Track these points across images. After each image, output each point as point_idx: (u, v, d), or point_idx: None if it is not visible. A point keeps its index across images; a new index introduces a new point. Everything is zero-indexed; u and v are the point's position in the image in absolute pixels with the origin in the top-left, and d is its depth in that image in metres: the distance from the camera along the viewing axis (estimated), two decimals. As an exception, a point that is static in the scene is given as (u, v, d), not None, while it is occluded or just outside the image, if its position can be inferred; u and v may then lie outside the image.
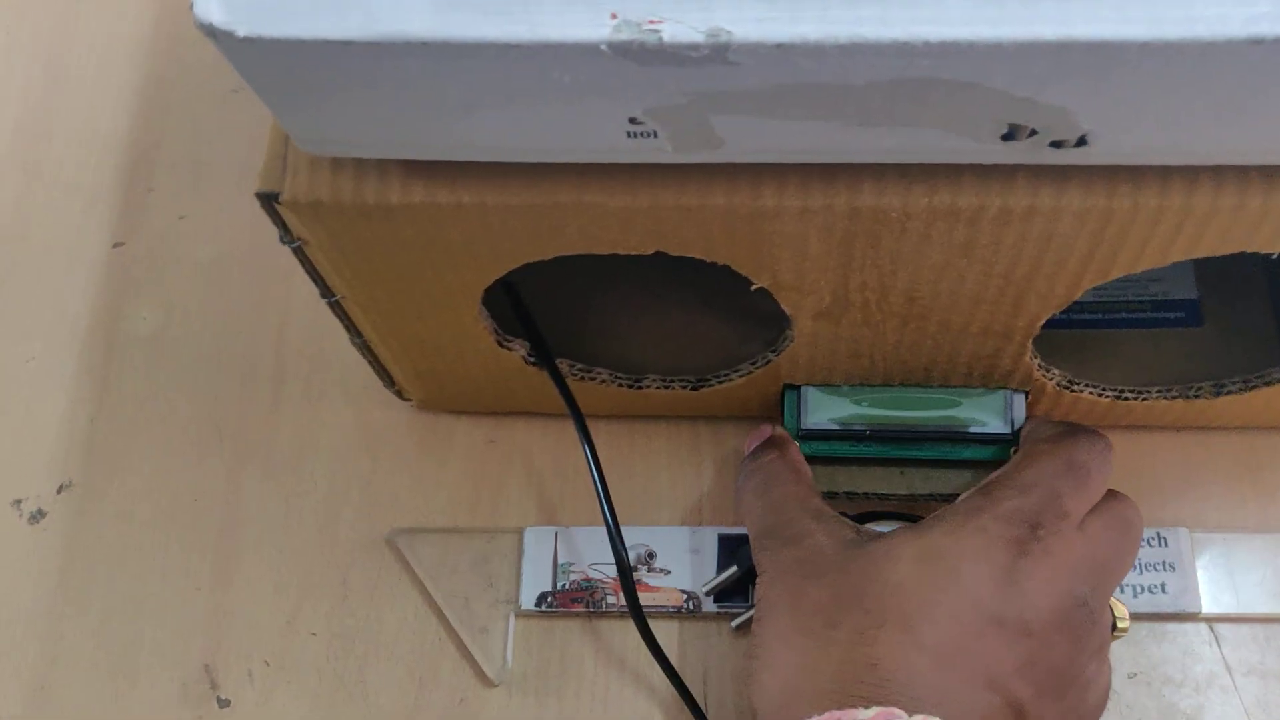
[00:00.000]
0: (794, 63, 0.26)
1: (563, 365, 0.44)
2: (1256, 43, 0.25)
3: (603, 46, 0.26)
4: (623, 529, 0.45)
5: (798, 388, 0.45)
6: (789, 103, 0.28)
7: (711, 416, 0.49)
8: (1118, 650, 0.43)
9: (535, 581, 0.46)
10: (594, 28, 0.26)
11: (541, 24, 0.26)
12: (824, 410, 0.44)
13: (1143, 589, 0.44)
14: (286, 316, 0.52)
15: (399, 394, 0.49)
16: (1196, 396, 0.44)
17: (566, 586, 0.46)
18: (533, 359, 0.44)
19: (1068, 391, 0.44)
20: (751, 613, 0.41)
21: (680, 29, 0.26)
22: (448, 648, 0.46)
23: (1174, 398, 0.44)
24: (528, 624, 0.46)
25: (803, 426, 0.44)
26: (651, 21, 0.26)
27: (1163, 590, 0.44)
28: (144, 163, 0.55)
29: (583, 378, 0.45)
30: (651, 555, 0.46)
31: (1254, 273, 0.48)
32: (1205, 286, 0.48)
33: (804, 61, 0.26)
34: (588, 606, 0.46)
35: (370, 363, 0.45)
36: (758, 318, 0.43)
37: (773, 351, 0.42)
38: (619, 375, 0.45)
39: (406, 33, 0.26)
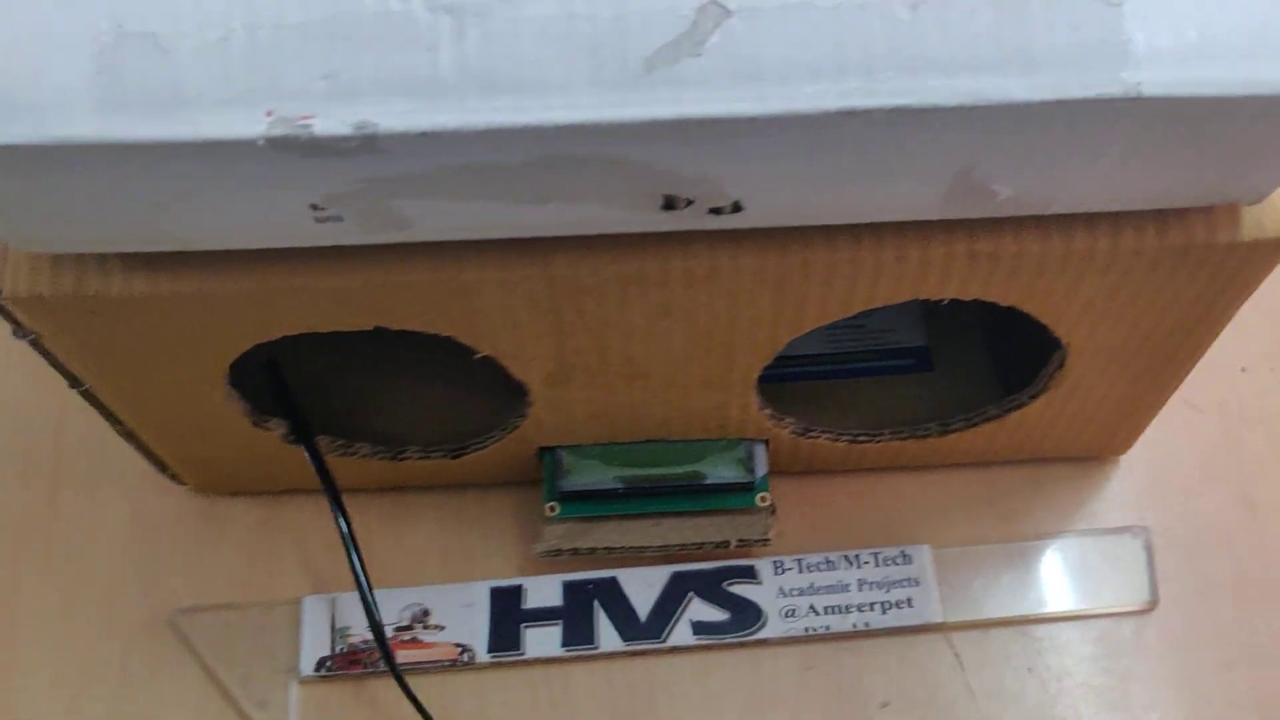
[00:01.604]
0: (440, 148, 0.28)
1: (323, 442, 0.46)
2: (849, 114, 0.28)
3: (260, 142, 0.28)
4: (396, 590, 0.48)
5: (553, 450, 0.47)
6: (454, 184, 0.30)
7: (476, 484, 0.50)
8: (869, 679, 0.45)
9: (314, 648, 0.47)
10: (251, 124, 0.28)
11: (202, 123, 0.28)
12: (578, 472, 0.46)
13: (890, 605, 0.47)
14: (64, 407, 0.52)
15: (174, 478, 0.50)
16: (926, 436, 0.47)
17: (344, 650, 0.47)
18: (292, 438, 0.45)
19: (804, 439, 0.46)
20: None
21: (330, 123, 0.28)
22: (230, 722, 0.47)
23: (905, 438, 0.47)
24: (309, 690, 0.47)
25: (559, 490, 0.46)
26: (304, 117, 0.28)
27: (909, 604, 0.47)
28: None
29: (343, 453, 0.46)
30: (425, 613, 0.48)
31: (974, 315, 0.51)
32: (934, 333, 0.51)
33: (449, 146, 0.28)
34: (365, 668, 0.47)
35: (138, 449, 0.46)
36: (511, 383, 0.45)
37: (519, 417, 0.44)
38: (380, 449, 0.47)
39: (71, 136, 0.28)
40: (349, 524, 0.45)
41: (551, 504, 0.47)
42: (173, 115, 0.28)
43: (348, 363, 0.49)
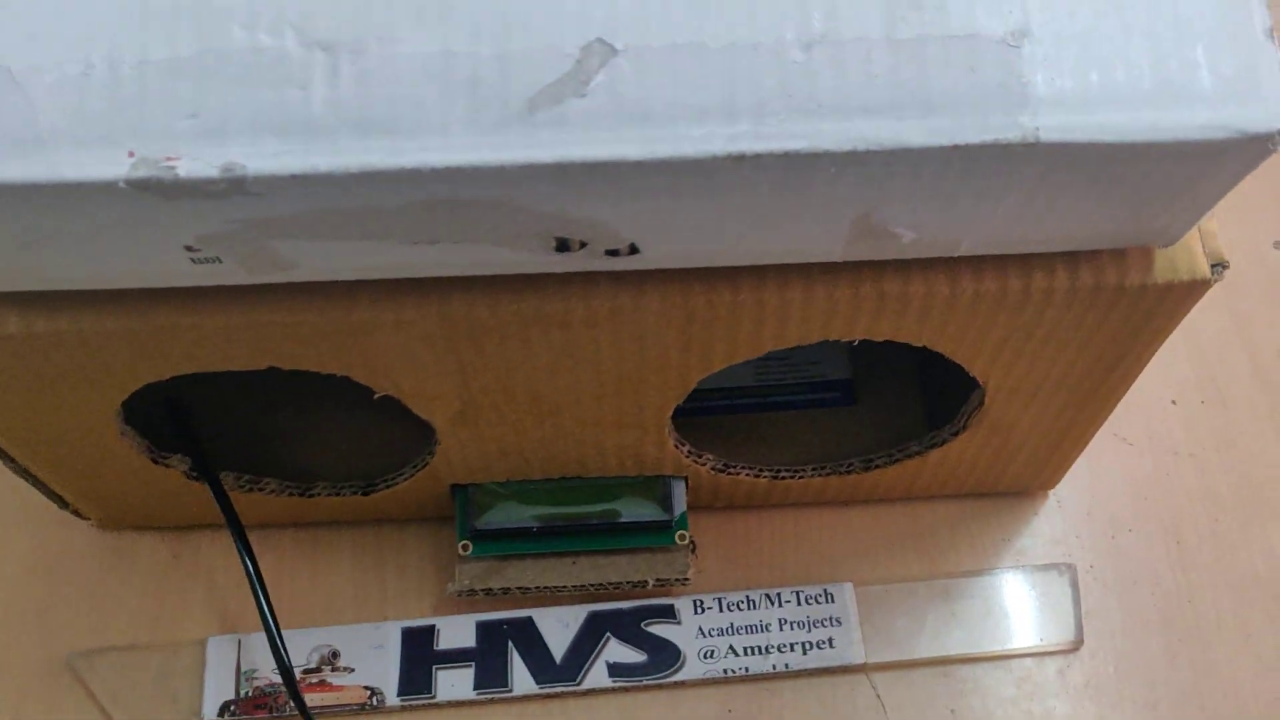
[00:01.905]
0: (314, 191, 0.27)
1: (229, 478, 0.45)
2: (739, 159, 0.27)
3: (121, 184, 0.26)
4: (306, 631, 0.46)
5: (465, 487, 0.45)
6: (333, 226, 0.29)
7: (392, 520, 0.49)
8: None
9: (218, 692, 0.46)
10: (112, 165, 0.26)
11: (59, 163, 0.26)
12: (492, 510, 0.45)
13: (811, 645, 0.46)
14: (-34, 440, 0.51)
15: (76, 513, 0.48)
16: (849, 472, 0.46)
17: (249, 694, 0.46)
18: (194, 474, 0.44)
19: (725, 475, 0.45)
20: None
21: (196, 164, 0.26)
22: (129, 772, 0.45)
23: (828, 474, 0.46)
24: (211, 738, 0.46)
25: (472, 528, 0.45)
26: (169, 158, 0.26)
27: (830, 645, 0.46)
28: None
29: (250, 489, 0.45)
30: (335, 654, 0.46)
31: (904, 351, 0.50)
32: (864, 368, 0.50)
33: (323, 189, 0.27)
34: (271, 712, 0.45)
35: (35, 485, 0.45)
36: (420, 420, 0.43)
37: (428, 454, 0.43)
38: (288, 484, 0.45)
39: (-80, 177, 0.26)
40: (254, 563, 0.44)
41: (464, 543, 0.46)
42: (28, 155, 0.26)
43: (256, 397, 0.48)
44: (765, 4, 0.27)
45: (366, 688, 0.46)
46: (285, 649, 0.44)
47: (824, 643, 0.46)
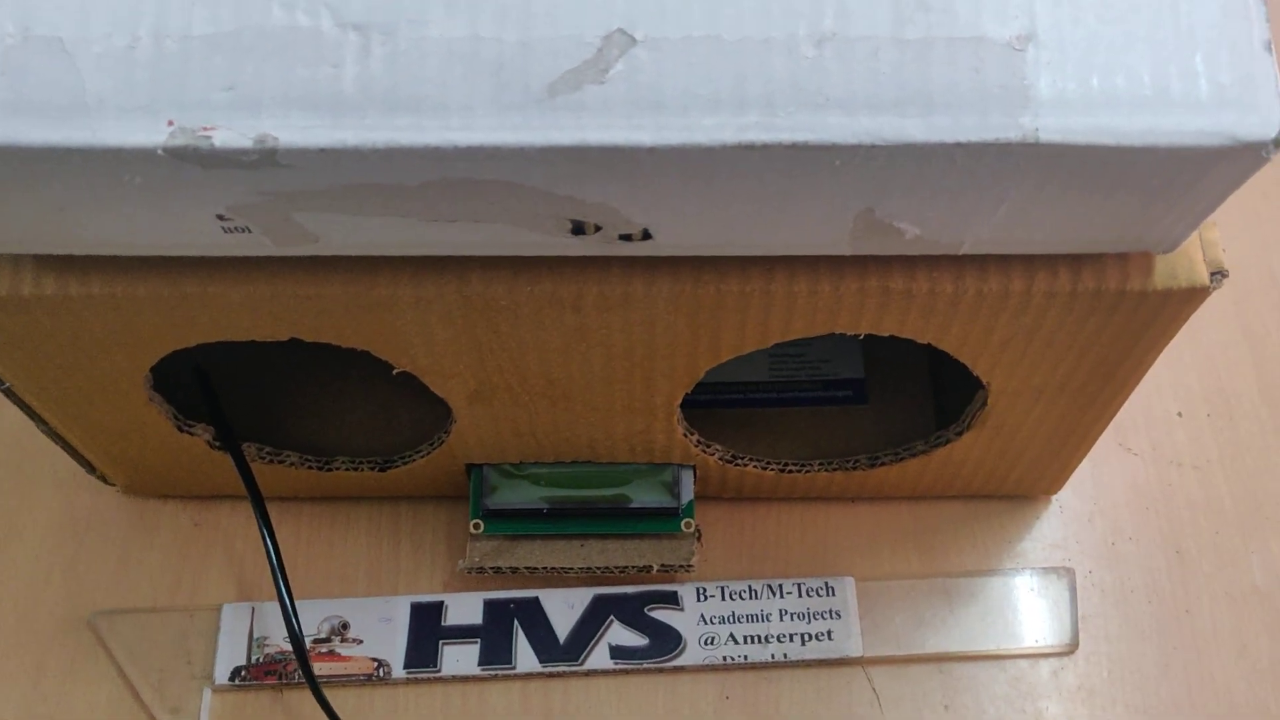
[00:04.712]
0: (341, 165, 0.28)
1: (250, 449, 0.46)
2: (748, 148, 0.28)
3: (159, 151, 0.28)
4: (317, 602, 0.48)
5: (480, 467, 0.47)
6: (358, 201, 0.30)
7: (409, 497, 0.50)
8: (786, 710, 0.45)
9: (230, 656, 0.47)
10: (151, 133, 0.28)
11: (102, 130, 0.28)
12: (504, 490, 0.46)
13: (810, 637, 0.47)
14: (-1, 404, 0.52)
15: (103, 479, 0.49)
16: (855, 468, 0.47)
17: (260, 660, 0.47)
18: (217, 444, 0.45)
19: (733, 466, 0.46)
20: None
21: (230, 135, 0.28)
22: (142, 728, 0.46)
23: (835, 469, 0.47)
24: (222, 699, 0.47)
25: (484, 508, 0.46)
26: (205, 128, 0.28)
27: (829, 637, 0.47)
28: None
29: (271, 461, 0.46)
30: (345, 626, 0.48)
31: (916, 351, 0.51)
32: (877, 365, 0.51)
33: (349, 164, 0.28)
34: (280, 679, 0.47)
35: (64, 449, 0.46)
36: (437, 399, 0.45)
37: (444, 433, 0.44)
38: (308, 458, 0.47)
39: (-32, 137, 0.27)
40: (272, 534, 0.45)
41: (476, 521, 0.47)
42: (74, 121, 0.28)
43: (281, 370, 0.49)
44: (780, 1, 0.28)
45: (374, 659, 0.47)
46: (297, 618, 0.45)
47: (823, 635, 0.47)
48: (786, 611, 0.47)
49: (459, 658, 0.47)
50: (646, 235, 0.32)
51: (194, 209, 0.30)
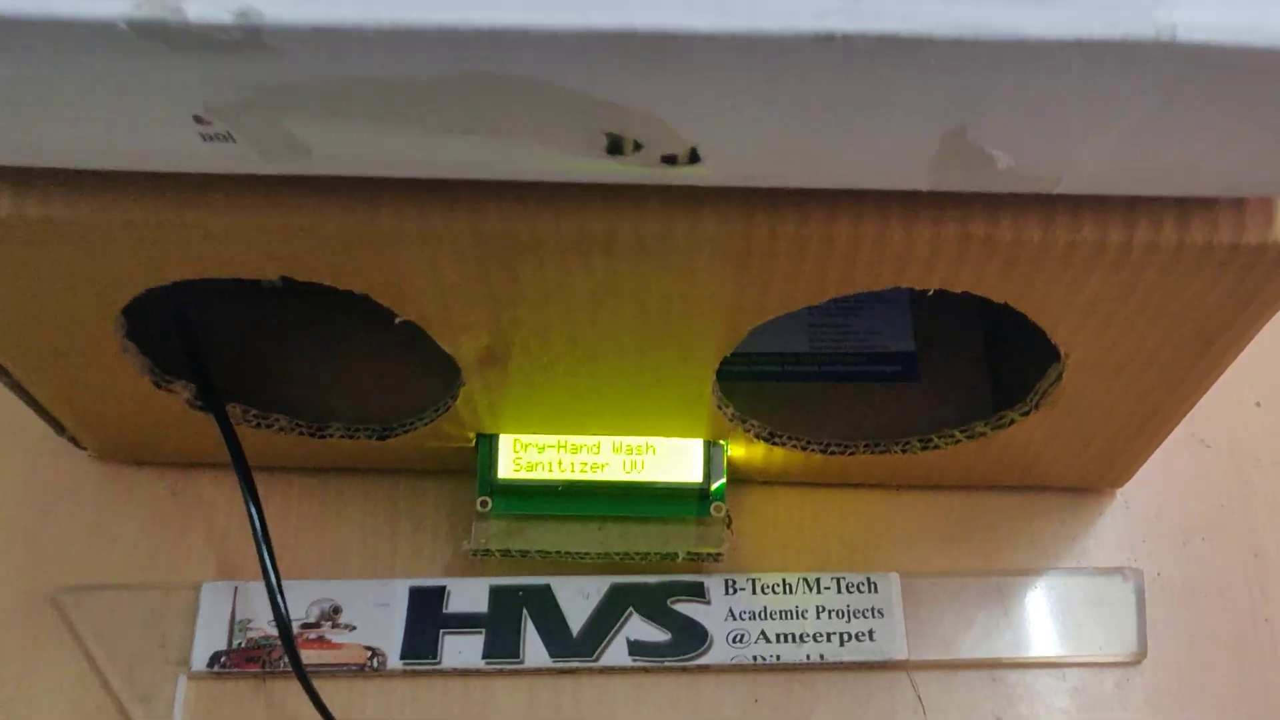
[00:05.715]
0: (338, 49, 0.24)
1: (235, 410, 0.41)
2: (826, 40, 0.23)
3: (121, 25, 0.23)
4: (306, 583, 0.43)
5: (490, 438, 0.42)
6: (358, 101, 0.26)
7: (410, 470, 0.46)
8: (820, 717, 0.41)
9: (209, 640, 0.43)
10: (113, 3, 0.23)
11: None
12: (516, 464, 0.42)
13: (850, 637, 0.42)
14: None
15: (74, 441, 0.45)
16: (905, 451, 0.42)
17: (242, 645, 0.43)
18: (199, 403, 0.41)
19: (770, 445, 0.42)
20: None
21: (207, 7, 0.23)
22: (109, 716, 0.42)
23: (882, 452, 0.43)
24: (199, 686, 0.42)
25: (494, 483, 0.42)
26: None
27: (870, 638, 0.42)
28: None
29: (258, 424, 0.42)
30: (336, 610, 0.43)
31: (972, 325, 0.47)
32: (926, 341, 0.46)
33: (348, 50, 0.24)
34: (263, 666, 0.42)
35: (30, 405, 0.42)
36: (445, 360, 0.40)
37: (451, 397, 0.40)
38: (299, 423, 0.42)
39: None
40: (258, 506, 0.41)
41: (484, 499, 0.42)
42: (19, -12, 0.23)
43: (272, 325, 0.45)
44: None
45: (368, 648, 0.43)
46: (284, 600, 0.41)
47: (864, 635, 0.43)
48: (824, 609, 0.43)
49: (461, 649, 0.42)
50: (694, 157, 0.27)
51: (167, 106, 0.26)
